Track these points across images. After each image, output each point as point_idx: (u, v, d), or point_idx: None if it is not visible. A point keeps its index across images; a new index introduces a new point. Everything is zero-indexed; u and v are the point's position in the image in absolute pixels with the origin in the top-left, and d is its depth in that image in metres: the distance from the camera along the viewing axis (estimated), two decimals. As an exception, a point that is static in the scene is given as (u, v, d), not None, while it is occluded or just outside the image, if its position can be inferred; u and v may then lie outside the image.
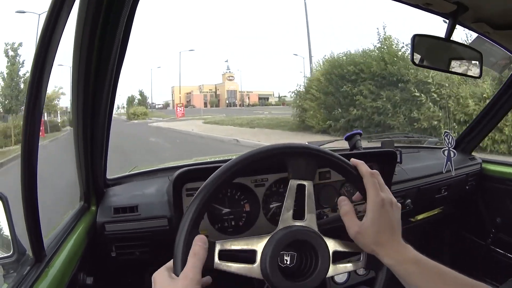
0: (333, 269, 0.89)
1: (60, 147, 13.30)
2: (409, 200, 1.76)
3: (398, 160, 1.57)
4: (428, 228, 2.27)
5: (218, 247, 0.83)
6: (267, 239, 0.86)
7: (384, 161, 1.51)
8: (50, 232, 1.14)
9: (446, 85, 9.52)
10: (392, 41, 11.83)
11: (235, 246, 0.84)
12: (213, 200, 1.25)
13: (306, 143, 0.97)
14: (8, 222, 0.89)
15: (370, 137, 2.19)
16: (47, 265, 0.95)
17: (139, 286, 1.55)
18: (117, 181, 1.49)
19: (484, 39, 1.37)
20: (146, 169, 1.61)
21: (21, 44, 19.15)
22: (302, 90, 15.19)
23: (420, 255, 0.79)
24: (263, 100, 59.10)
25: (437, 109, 9.68)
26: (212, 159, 1.97)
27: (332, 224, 1.02)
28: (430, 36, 1.19)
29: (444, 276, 0.77)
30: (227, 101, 56.73)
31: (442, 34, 1.19)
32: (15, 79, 18.94)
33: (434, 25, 1.47)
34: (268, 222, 1.37)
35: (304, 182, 0.91)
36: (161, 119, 30.69)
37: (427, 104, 9.80)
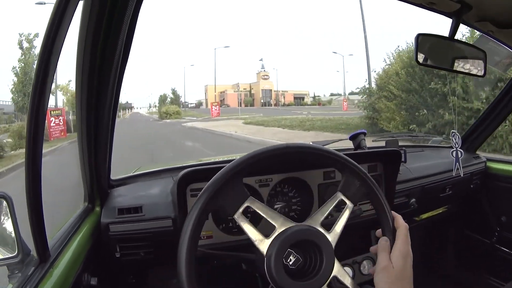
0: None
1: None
2: (414, 199, 1.76)
3: (403, 159, 1.57)
4: (433, 227, 2.27)
5: (247, 203, 0.89)
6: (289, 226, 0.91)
7: (389, 161, 1.51)
8: (55, 233, 1.14)
9: None
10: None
11: (261, 212, 0.91)
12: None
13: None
14: (13, 223, 0.89)
15: (374, 137, 2.19)
16: (52, 266, 0.95)
17: (143, 287, 1.56)
18: (121, 182, 1.49)
19: (488, 38, 1.37)
20: (150, 170, 1.60)
21: (37, 35, 17.61)
22: (373, 87, 12.98)
23: None
24: (299, 100, 58.62)
25: None
26: (217, 159, 1.97)
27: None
28: (434, 35, 1.19)
29: None
30: (262, 101, 56.28)
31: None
32: (29, 74, 17.26)
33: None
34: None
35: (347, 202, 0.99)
36: (195, 119, 29.63)
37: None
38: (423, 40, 1.18)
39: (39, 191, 0.86)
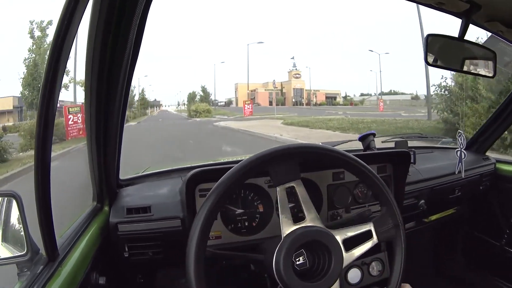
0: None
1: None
2: (423, 201, 1.75)
3: (412, 161, 1.56)
4: (442, 229, 2.26)
5: (293, 183, 0.95)
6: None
7: (398, 162, 1.50)
8: (64, 232, 1.15)
9: None
10: None
11: (301, 197, 0.97)
12: (226, 201, 1.25)
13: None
14: (22, 221, 0.90)
15: (384, 138, 2.18)
16: (60, 265, 0.96)
17: (152, 287, 1.56)
18: (130, 182, 1.50)
19: (498, 38, 1.36)
20: (159, 170, 1.61)
21: (51, 23, 15.54)
22: (454, 87, 10.50)
23: None
24: (330, 100, 58.11)
25: None
26: (226, 160, 1.97)
27: (346, 225, 1.02)
28: (444, 36, 1.18)
29: None
30: (293, 100, 55.95)
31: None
32: (40, 65, 15.23)
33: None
34: None
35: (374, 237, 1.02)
36: (226, 117, 27.36)
37: None
38: (433, 41, 1.17)
39: (48, 190, 0.86)
